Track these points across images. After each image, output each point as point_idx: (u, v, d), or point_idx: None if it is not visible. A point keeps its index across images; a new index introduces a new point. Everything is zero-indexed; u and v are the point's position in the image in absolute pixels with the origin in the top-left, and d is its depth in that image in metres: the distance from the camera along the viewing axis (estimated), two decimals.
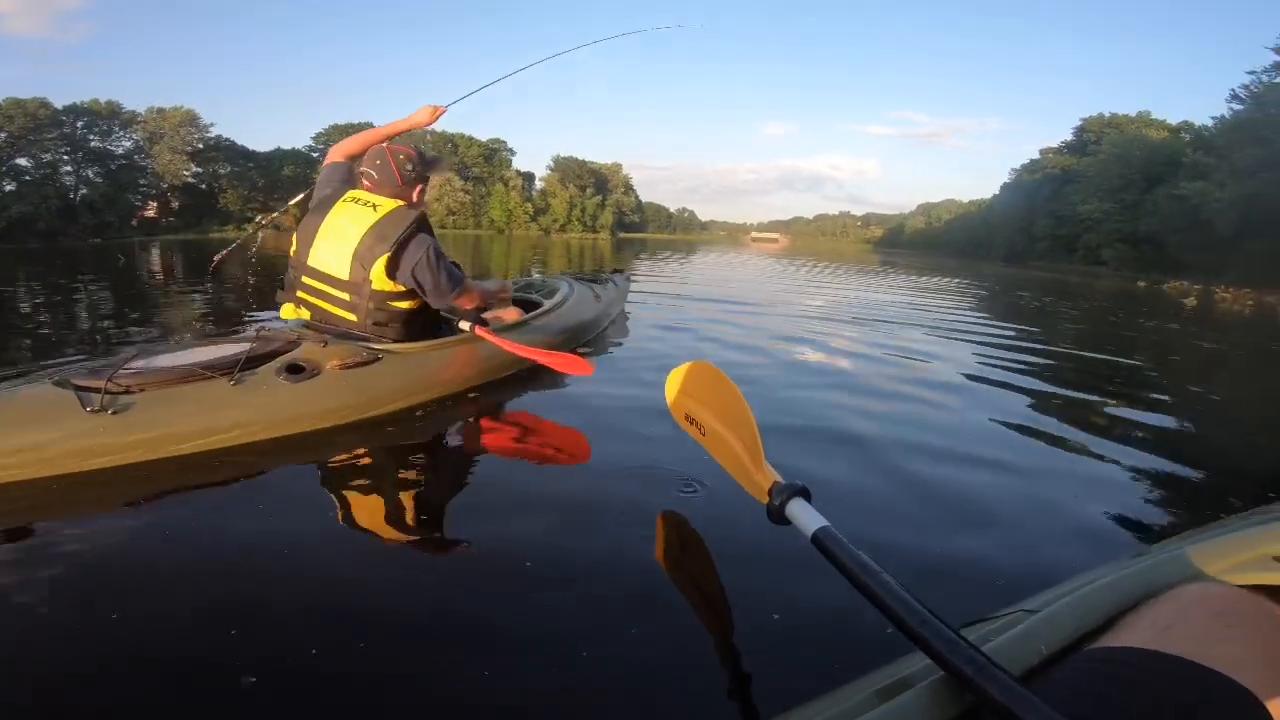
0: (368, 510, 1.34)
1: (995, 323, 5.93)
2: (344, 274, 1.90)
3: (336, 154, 2.19)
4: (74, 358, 2.54)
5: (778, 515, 0.91)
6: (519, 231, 53.89)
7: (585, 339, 3.03)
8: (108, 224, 22.85)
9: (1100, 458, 1.88)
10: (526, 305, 2.88)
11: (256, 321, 3.53)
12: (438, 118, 2.35)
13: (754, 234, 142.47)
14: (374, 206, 1.91)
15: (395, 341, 1.94)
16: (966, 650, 0.56)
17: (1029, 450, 1.95)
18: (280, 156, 31.54)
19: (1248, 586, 0.67)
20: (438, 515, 1.37)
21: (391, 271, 1.88)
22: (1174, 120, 32.73)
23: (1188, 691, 0.43)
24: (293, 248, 2.02)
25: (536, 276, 3.78)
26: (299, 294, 2.00)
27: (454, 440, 1.85)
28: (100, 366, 1.55)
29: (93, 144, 24.77)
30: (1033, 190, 35.22)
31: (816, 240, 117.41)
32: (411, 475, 1.53)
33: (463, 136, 54.16)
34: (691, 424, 1.27)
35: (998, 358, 3.62)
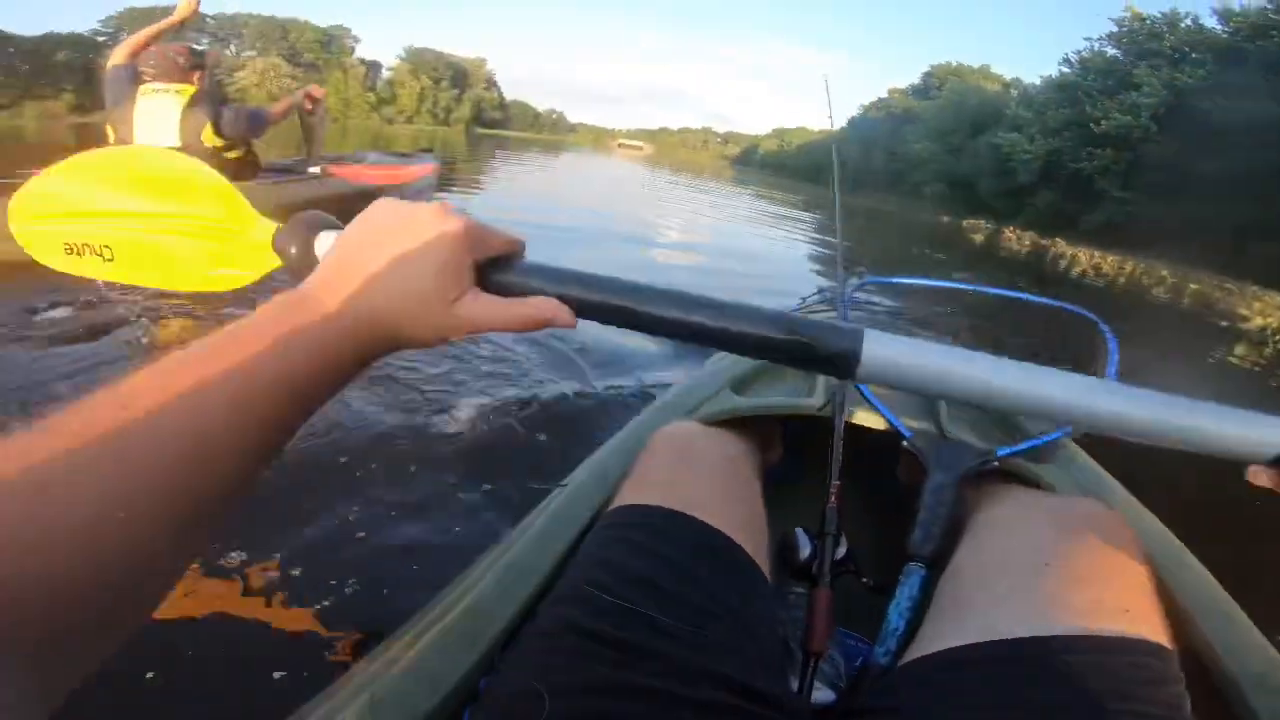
0: None
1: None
2: (176, 141, 2.39)
3: (118, 56, 2.61)
4: None
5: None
6: (357, 121, 50.36)
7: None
8: None
9: None
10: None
11: None
12: (195, 7, 2.70)
13: (620, 140, 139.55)
14: (178, 91, 2.49)
15: None
16: None
17: None
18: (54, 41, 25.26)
19: (713, 421, 0.78)
20: None
21: (218, 130, 2.52)
22: (1009, 76, 35.93)
23: (661, 519, 0.55)
24: (110, 139, 2.42)
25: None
26: None
27: None
28: None
29: None
30: (875, 126, 38.03)
31: (678, 151, 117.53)
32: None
33: (295, 22, 50.88)
34: None
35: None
